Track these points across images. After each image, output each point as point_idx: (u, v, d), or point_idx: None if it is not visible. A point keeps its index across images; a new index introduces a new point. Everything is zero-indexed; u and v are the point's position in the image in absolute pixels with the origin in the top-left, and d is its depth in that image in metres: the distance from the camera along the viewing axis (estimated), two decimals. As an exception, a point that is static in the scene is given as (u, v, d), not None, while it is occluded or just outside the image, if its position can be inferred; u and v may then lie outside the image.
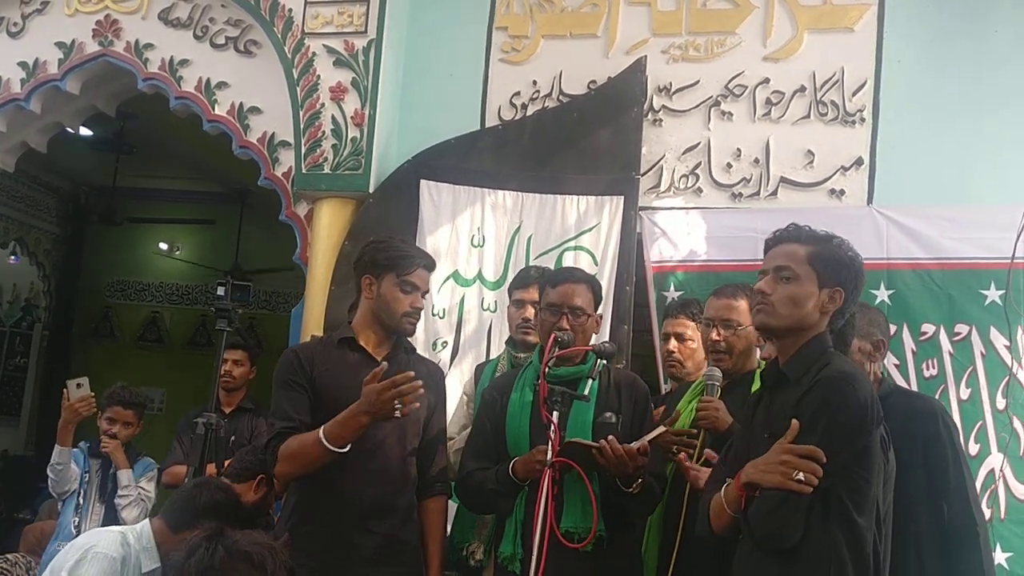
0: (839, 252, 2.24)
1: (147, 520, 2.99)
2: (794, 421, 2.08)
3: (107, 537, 2.86)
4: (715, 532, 2.24)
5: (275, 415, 2.92)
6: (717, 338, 2.91)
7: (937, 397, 3.87)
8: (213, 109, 4.92)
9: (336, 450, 2.68)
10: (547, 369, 2.76)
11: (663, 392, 3.87)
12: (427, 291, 3.00)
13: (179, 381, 9.11)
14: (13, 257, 9.12)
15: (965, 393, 3.94)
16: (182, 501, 2.94)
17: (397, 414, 2.64)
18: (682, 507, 2.72)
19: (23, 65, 5.17)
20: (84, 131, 7.16)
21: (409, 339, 3.07)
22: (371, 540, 2.78)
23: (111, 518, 4.16)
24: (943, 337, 4.00)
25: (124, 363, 9.59)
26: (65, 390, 4.13)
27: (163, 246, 10.11)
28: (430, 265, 3.01)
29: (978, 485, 3.71)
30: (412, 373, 2.65)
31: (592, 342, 2.91)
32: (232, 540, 1.56)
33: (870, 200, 4.24)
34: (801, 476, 2.01)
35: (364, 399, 2.65)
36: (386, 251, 2.95)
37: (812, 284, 2.21)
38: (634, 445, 2.59)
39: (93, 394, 4.15)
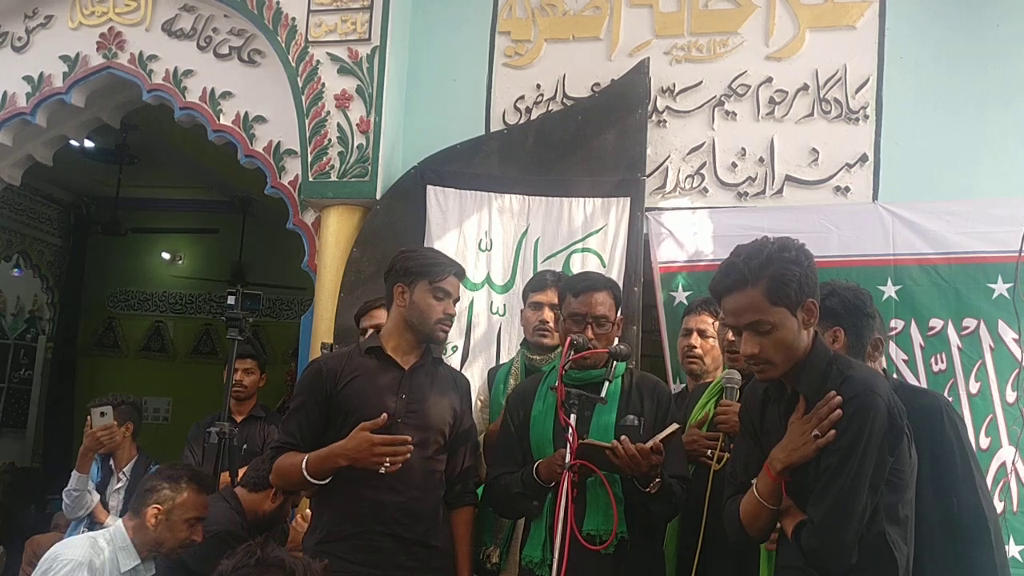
0: (788, 270, 2.15)
1: (119, 520, 3.02)
2: (803, 401, 2.13)
3: (74, 543, 2.91)
4: (752, 536, 2.24)
5: (282, 427, 3.01)
6: (734, 338, 2.92)
7: (946, 391, 3.89)
8: (218, 119, 4.93)
9: (315, 482, 2.78)
10: (569, 373, 2.77)
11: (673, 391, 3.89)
12: (458, 299, 3.02)
13: (184, 390, 9.14)
14: (16, 270, 9.13)
15: (974, 387, 3.95)
16: None
17: (382, 470, 2.69)
18: (703, 507, 2.73)
19: (28, 79, 5.19)
20: (86, 143, 7.17)
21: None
22: (400, 545, 2.80)
23: None
24: (951, 331, 4.01)
25: (129, 373, 9.63)
26: (89, 417, 4.13)
27: (165, 256, 10.13)
28: (460, 273, 3.05)
29: (990, 479, 3.74)
30: (409, 439, 2.72)
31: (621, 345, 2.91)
32: (272, 549, 1.58)
33: (875, 196, 4.26)
34: (818, 432, 2.07)
35: (352, 445, 2.72)
36: (418, 259, 3.00)
37: (787, 317, 2.15)
38: (647, 444, 2.60)
39: (115, 423, 4.15)
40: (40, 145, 5.52)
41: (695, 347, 3.38)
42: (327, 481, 2.79)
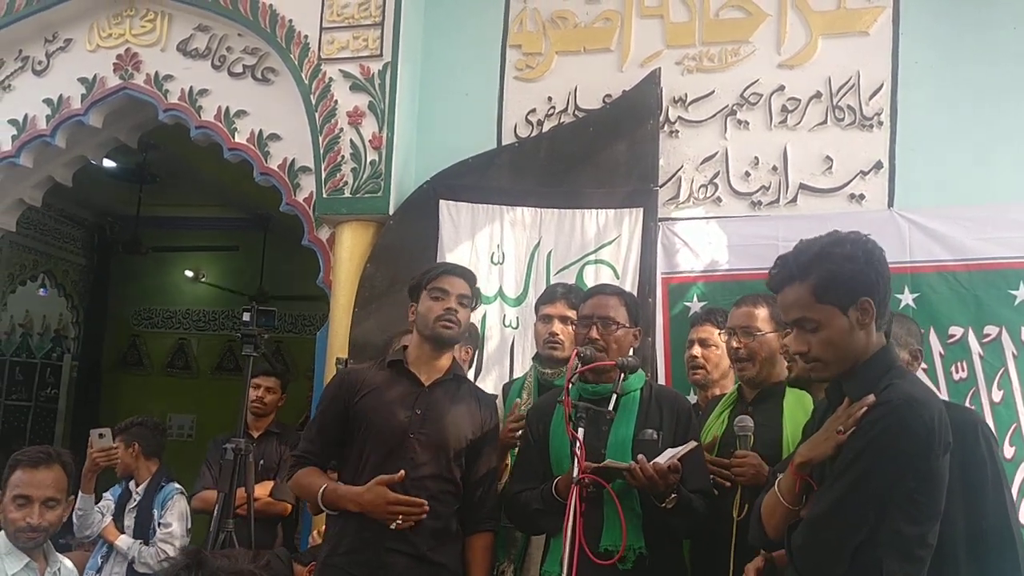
0: (841, 267, 2.06)
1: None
2: (847, 400, 2.06)
3: None
4: (770, 536, 2.16)
5: (304, 436, 3.09)
6: (738, 345, 2.92)
7: (968, 400, 3.83)
8: (233, 137, 4.97)
9: (329, 512, 2.88)
10: (577, 386, 2.78)
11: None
12: (463, 294, 3.00)
13: (209, 407, 9.18)
14: (42, 290, 9.24)
15: (997, 395, 3.88)
16: None
17: (392, 526, 2.76)
18: (732, 525, 2.69)
19: (48, 102, 5.27)
20: (107, 163, 7.26)
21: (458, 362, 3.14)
22: (405, 561, 2.80)
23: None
24: (972, 339, 3.94)
25: (153, 391, 9.71)
26: (90, 438, 4.19)
27: (188, 273, 10.21)
28: (455, 270, 3.07)
29: (1015, 489, 3.66)
30: (425, 503, 2.79)
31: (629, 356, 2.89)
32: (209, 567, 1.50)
33: (891, 203, 4.20)
34: (841, 427, 2.00)
35: (368, 499, 2.79)
36: (418, 275, 3.09)
37: (836, 316, 2.06)
38: (664, 463, 2.57)
39: (115, 445, 4.19)
40: (60, 166, 5.60)
41: (696, 357, 3.37)
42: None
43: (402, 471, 2.79)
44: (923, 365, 3.87)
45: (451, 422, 2.92)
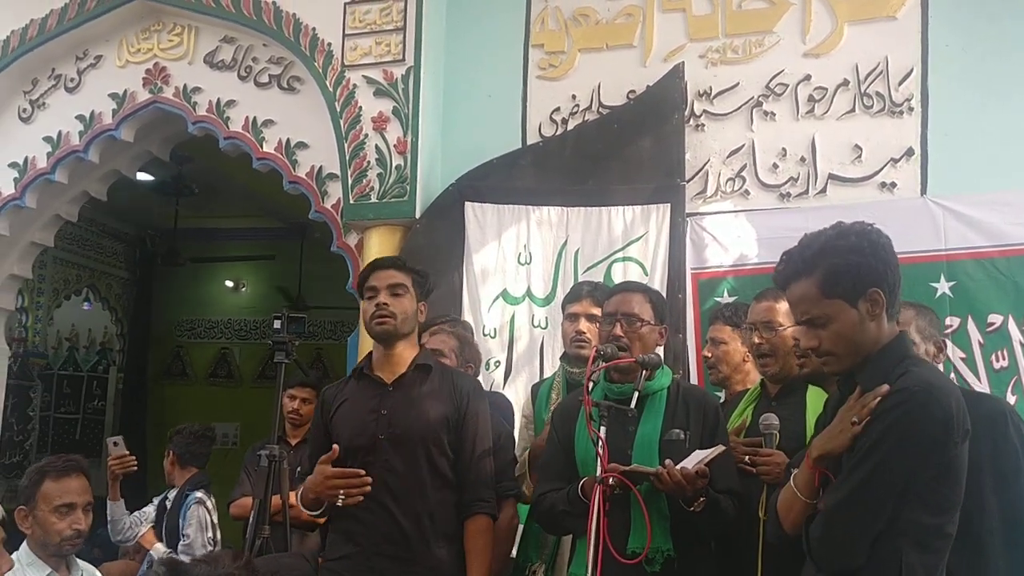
0: (846, 259, 2.02)
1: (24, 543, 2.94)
2: (859, 390, 2.01)
3: None
4: (787, 531, 2.12)
5: (308, 459, 3.06)
6: (759, 341, 2.86)
7: (1010, 389, 3.76)
8: (261, 147, 5.02)
9: (311, 513, 2.83)
10: (602, 386, 2.75)
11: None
12: (394, 283, 2.91)
13: (252, 415, 9.26)
14: (86, 304, 9.43)
15: (1040, 384, 3.79)
16: None
17: (339, 503, 2.71)
18: (759, 525, 2.64)
19: (80, 118, 5.38)
20: (146, 177, 7.39)
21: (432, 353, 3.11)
22: (393, 566, 2.77)
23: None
24: (1012, 326, 3.85)
25: (197, 400, 9.84)
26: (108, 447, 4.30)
27: (228, 283, 10.35)
28: (380, 263, 3.03)
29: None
30: (363, 472, 2.72)
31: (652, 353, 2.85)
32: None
33: (924, 191, 4.12)
34: (855, 418, 1.95)
35: (311, 479, 2.77)
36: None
37: (845, 310, 2.02)
38: (691, 468, 2.53)
39: (126, 453, 4.26)
40: (94, 181, 5.70)
41: (708, 356, 3.33)
42: (321, 511, 2.81)
43: (335, 446, 2.75)
44: (962, 354, 3.84)
45: (419, 415, 2.84)
